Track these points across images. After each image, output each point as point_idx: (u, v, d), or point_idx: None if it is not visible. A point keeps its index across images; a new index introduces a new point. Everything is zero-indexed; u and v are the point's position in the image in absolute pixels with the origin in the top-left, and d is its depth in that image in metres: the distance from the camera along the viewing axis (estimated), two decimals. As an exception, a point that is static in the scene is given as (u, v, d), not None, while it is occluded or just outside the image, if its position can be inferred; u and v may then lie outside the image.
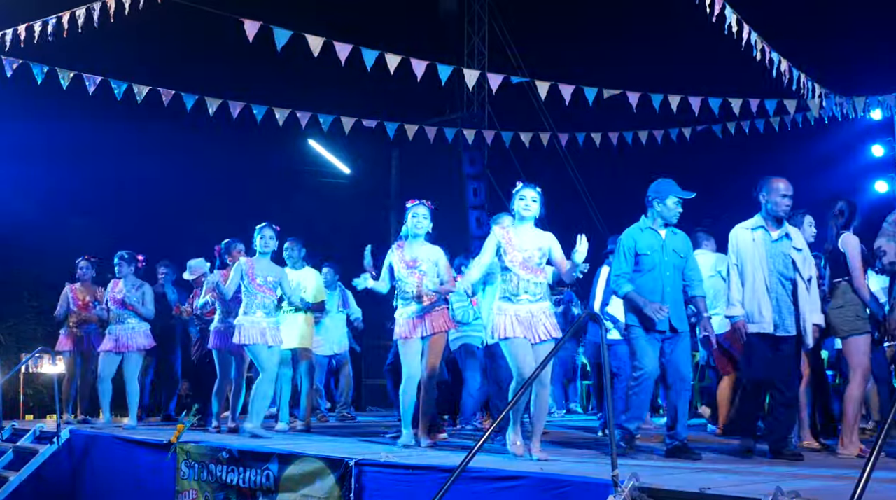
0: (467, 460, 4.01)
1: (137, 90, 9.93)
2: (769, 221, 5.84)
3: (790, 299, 5.75)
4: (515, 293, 5.64)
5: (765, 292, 5.72)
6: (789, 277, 5.78)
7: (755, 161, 13.22)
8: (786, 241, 5.82)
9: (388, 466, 5.28)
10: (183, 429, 6.84)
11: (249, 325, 7.25)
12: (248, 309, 7.32)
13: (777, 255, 5.76)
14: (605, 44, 14.54)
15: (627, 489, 4.05)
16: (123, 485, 7.29)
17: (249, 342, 7.23)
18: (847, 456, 5.82)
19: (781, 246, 5.80)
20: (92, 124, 12.29)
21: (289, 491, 5.76)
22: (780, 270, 5.76)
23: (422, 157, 14.41)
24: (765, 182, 5.83)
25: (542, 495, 4.48)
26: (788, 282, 5.77)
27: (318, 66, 9.51)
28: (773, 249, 5.78)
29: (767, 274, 5.74)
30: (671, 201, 5.96)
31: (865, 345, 6.01)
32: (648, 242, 5.96)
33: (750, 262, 5.79)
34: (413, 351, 6.44)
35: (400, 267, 6.49)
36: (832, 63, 11.67)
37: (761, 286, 5.73)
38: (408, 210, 6.57)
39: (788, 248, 5.80)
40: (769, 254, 5.76)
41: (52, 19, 8.66)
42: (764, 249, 5.78)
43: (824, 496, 3.90)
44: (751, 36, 9.00)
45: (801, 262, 5.80)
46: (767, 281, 5.73)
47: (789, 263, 5.78)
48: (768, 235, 5.81)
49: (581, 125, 12.49)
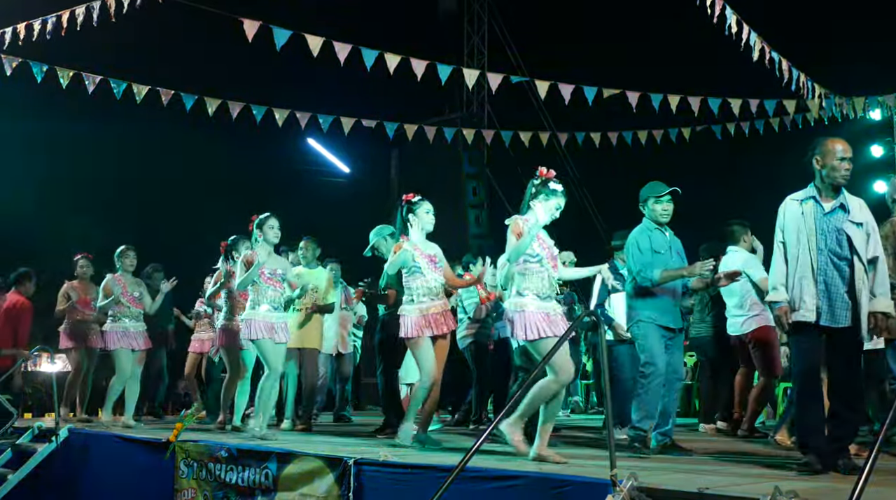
0: (466, 459, 4.00)
1: (137, 89, 9.93)
2: (824, 190, 4.92)
3: (844, 283, 4.80)
4: (545, 291, 5.49)
5: (810, 274, 4.81)
6: (844, 256, 4.82)
7: (754, 161, 13.23)
8: (840, 214, 4.87)
9: (387, 465, 5.28)
10: (182, 428, 6.83)
11: (257, 320, 7.07)
12: (256, 303, 7.14)
13: (830, 230, 4.84)
14: (605, 43, 14.55)
15: (626, 489, 4.05)
16: (122, 484, 7.28)
17: (256, 338, 7.06)
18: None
19: (835, 220, 4.85)
20: (91, 123, 12.29)
21: (287, 490, 5.75)
22: (833, 248, 4.82)
23: (421, 156, 14.43)
24: (818, 144, 5.00)
25: (540, 494, 4.48)
26: (843, 263, 4.81)
27: (318, 66, 9.52)
28: (825, 223, 4.85)
29: (816, 253, 4.84)
30: (653, 202, 6.03)
31: None
32: (660, 242, 6.02)
33: (796, 238, 4.90)
34: (437, 348, 6.24)
35: (424, 263, 6.24)
36: (832, 63, 11.67)
37: (807, 267, 4.83)
38: (416, 205, 6.34)
39: (843, 222, 4.84)
40: (819, 229, 4.85)
41: (51, 18, 8.67)
42: (814, 223, 4.87)
43: (822, 495, 3.90)
44: (750, 36, 9.01)
45: (861, 239, 4.84)
46: (815, 261, 4.83)
47: (844, 240, 4.83)
48: (820, 207, 4.90)
49: (580, 125, 12.51)
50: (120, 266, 8.55)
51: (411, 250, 6.20)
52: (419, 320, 6.15)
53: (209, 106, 10.44)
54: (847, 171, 4.90)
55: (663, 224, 6.07)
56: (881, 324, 4.78)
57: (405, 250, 6.19)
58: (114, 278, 8.51)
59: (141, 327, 8.59)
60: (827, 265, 4.82)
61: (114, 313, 8.44)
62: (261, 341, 7.04)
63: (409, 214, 6.34)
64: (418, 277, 6.22)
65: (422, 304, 6.19)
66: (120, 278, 8.51)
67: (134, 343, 8.48)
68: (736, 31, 8.83)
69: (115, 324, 8.45)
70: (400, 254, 6.18)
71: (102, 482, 7.52)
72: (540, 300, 5.40)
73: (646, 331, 5.91)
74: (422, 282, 6.21)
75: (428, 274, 6.23)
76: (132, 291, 8.53)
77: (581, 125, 12.49)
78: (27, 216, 13.50)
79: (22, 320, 8.94)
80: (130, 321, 8.48)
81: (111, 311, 8.44)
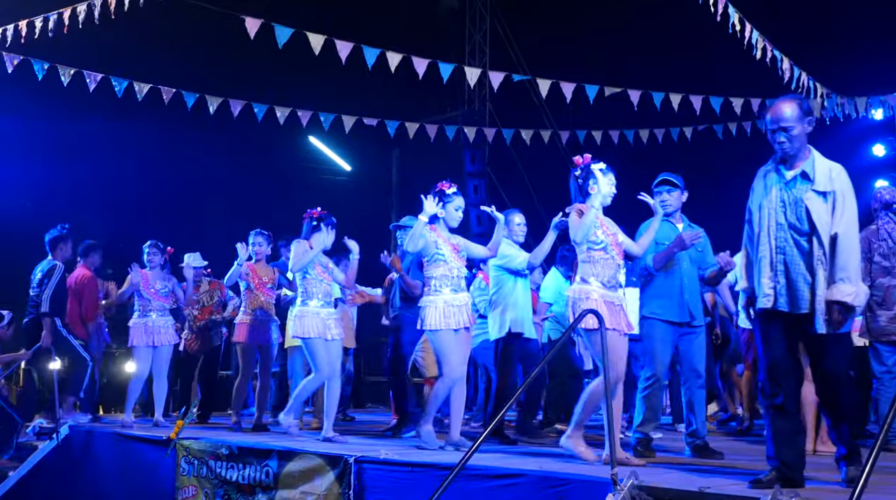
0: (467, 457, 4.00)
1: (138, 88, 9.93)
2: (786, 157, 4.30)
3: (805, 263, 4.12)
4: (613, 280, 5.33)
5: (768, 254, 4.20)
6: (804, 232, 4.14)
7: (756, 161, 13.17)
8: (802, 183, 4.19)
9: (388, 463, 5.28)
10: (182, 425, 6.83)
11: (310, 316, 6.78)
12: (307, 298, 6.85)
13: (790, 202, 4.18)
14: (607, 42, 14.53)
15: (627, 488, 4.05)
16: (123, 481, 7.29)
17: (308, 336, 6.75)
18: (826, 452, 5.80)
19: (797, 190, 4.18)
20: (92, 122, 12.29)
21: (288, 488, 5.76)
22: (793, 222, 4.16)
23: (423, 155, 14.40)
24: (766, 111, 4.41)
25: (541, 493, 4.48)
26: (804, 239, 4.14)
27: (320, 64, 9.51)
28: (785, 194, 4.21)
29: (775, 228, 4.19)
30: (654, 195, 5.98)
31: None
32: (665, 233, 5.92)
33: (758, 214, 4.30)
34: (464, 343, 6.02)
35: (448, 251, 6.02)
36: (834, 63, 11.66)
37: (766, 246, 4.22)
38: (448, 198, 6.11)
39: (805, 191, 4.16)
40: (780, 201, 4.21)
41: (52, 16, 8.66)
42: (773, 194, 4.24)
43: (823, 495, 3.90)
44: (752, 35, 9.00)
45: (823, 212, 4.11)
46: (773, 238, 4.20)
47: (803, 212, 4.14)
48: (781, 176, 4.27)
49: (582, 123, 12.51)
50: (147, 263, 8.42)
51: (434, 235, 6.01)
52: (443, 310, 5.91)
53: (210, 104, 10.44)
54: (781, 144, 4.23)
55: (670, 214, 5.98)
56: (836, 317, 4.05)
57: (425, 233, 5.95)
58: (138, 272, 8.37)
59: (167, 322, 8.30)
60: (786, 242, 4.17)
61: (138, 308, 8.24)
62: (313, 340, 6.75)
63: (438, 204, 6.10)
64: (441, 265, 5.98)
65: (444, 294, 5.95)
66: (145, 274, 8.38)
67: (158, 339, 8.18)
68: (738, 30, 8.83)
69: (140, 320, 8.20)
70: (418, 229, 5.92)
71: (103, 479, 7.53)
72: (605, 289, 5.25)
73: (649, 330, 5.82)
74: (444, 271, 5.97)
75: (451, 263, 6.00)
76: (155, 284, 8.29)
77: (582, 124, 12.50)
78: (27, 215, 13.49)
79: (85, 294, 8.70)
80: (157, 316, 8.20)
81: (136, 306, 8.27)
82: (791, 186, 4.21)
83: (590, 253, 5.29)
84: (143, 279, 8.22)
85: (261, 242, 7.99)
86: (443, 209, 6.11)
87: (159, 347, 8.15)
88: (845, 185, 4.17)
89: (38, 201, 13.83)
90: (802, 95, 4.38)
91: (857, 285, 4.07)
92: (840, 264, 4.05)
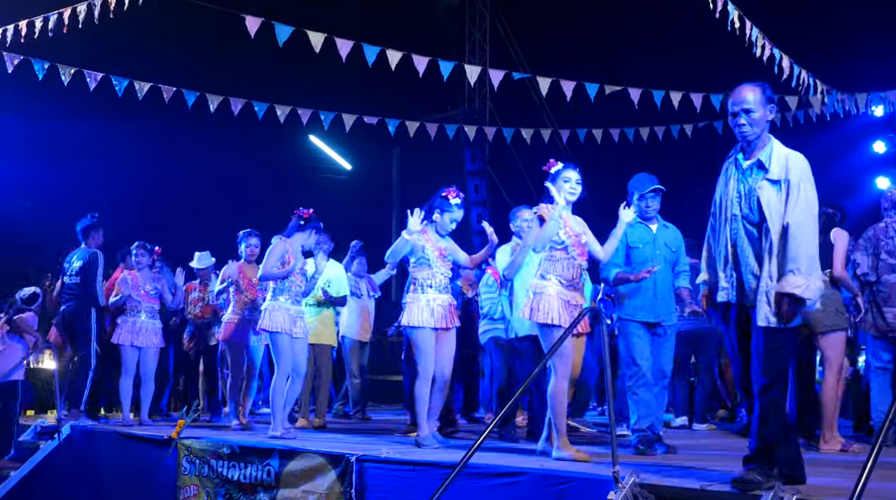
0: (468, 455, 4.00)
1: (139, 87, 9.93)
2: (745, 145, 4.20)
3: (754, 254, 4.06)
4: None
5: (724, 245, 4.16)
6: (755, 222, 4.07)
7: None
8: (756, 172, 4.10)
9: (389, 462, 5.28)
10: (184, 424, 6.83)
11: (280, 311, 6.81)
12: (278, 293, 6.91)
13: (745, 192, 4.10)
14: (607, 40, 14.54)
15: (628, 486, 4.05)
16: (125, 481, 7.29)
17: (274, 330, 6.78)
18: (830, 452, 5.83)
19: (752, 179, 4.10)
20: (93, 121, 12.30)
21: (290, 487, 5.76)
22: (746, 212, 4.09)
23: (423, 153, 14.41)
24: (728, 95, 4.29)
25: (542, 491, 4.48)
26: (755, 230, 4.07)
27: (320, 63, 9.51)
28: (742, 183, 4.13)
29: (731, 219, 4.14)
30: (636, 197, 6.03)
31: (843, 342, 6.13)
32: (640, 236, 6.02)
33: (719, 207, 4.26)
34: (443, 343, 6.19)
35: (434, 256, 6.15)
36: (834, 59, 11.66)
37: (723, 237, 4.18)
38: (448, 207, 6.22)
39: (759, 181, 4.07)
40: (736, 191, 4.13)
41: (52, 15, 8.66)
42: (732, 185, 4.17)
43: (823, 493, 3.90)
44: (752, 32, 9.00)
45: (775, 202, 4.00)
46: (727, 229, 4.15)
47: (755, 202, 4.05)
48: (738, 165, 4.20)
49: (582, 121, 12.50)
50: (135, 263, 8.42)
51: (423, 239, 6.13)
52: (424, 309, 6.06)
53: (211, 103, 10.44)
54: (741, 127, 4.11)
55: (650, 218, 6.06)
56: (785, 309, 3.89)
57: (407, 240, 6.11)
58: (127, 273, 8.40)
59: (155, 324, 8.34)
60: (738, 235, 4.10)
61: (128, 307, 8.22)
62: (279, 335, 6.77)
63: (437, 209, 6.24)
64: (425, 268, 6.14)
65: (427, 294, 6.10)
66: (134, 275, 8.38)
67: (144, 340, 8.20)
68: (738, 27, 8.83)
69: (128, 318, 8.21)
70: (399, 244, 6.16)
71: (105, 479, 7.53)
72: (563, 287, 5.35)
73: (625, 329, 5.93)
74: (428, 274, 6.13)
75: (436, 267, 6.15)
76: (145, 286, 8.32)
77: (583, 122, 12.50)
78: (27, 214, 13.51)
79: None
80: (146, 317, 8.23)
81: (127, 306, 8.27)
82: (747, 176, 4.11)
83: (551, 252, 5.40)
84: (133, 281, 8.26)
85: (256, 244, 8.00)
86: (439, 215, 6.23)
87: (144, 348, 8.17)
88: (802, 173, 4.01)
89: (38, 201, 13.84)
90: (767, 83, 4.24)
91: (809, 277, 3.88)
92: (791, 255, 3.89)
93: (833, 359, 6.09)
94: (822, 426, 6.02)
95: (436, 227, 6.26)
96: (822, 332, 6.11)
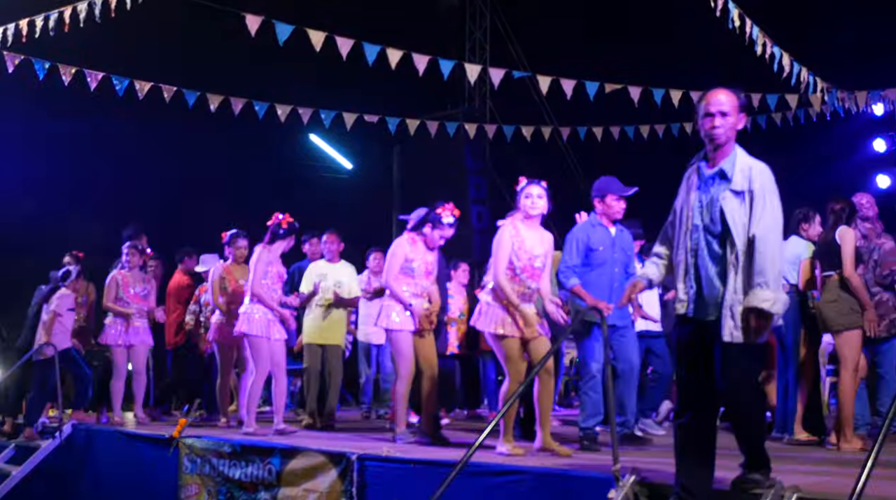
0: (469, 454, 4.01)
1: (139, 87, 9.92)
2: (709, 151, 4.09)
3: (717, 267, 3.88)
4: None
5: (683, 257, 3.98)
6: (717, 234, 3.89)
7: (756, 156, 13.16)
8: (719, 182, 3.96)
9: (390, 460, 5.30)
10: (185, 423, 6.85)
11: (260, 314, 7.06)
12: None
13: (707, 202, 3.95)
14: (607, 38, 14.53)
15: (628, 484, 4.07)
16: (126, 480, 7.31)
17: (256, 333, 7.01)
18: (850, 450, 5.82)
19: (714, 189, 3.95)
20: (93, 121, 12.28)
21: (291, 485, 5.78)
22: (708, 224, 3.92)
23: (424, 152, 14.40)
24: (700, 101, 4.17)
25: (543, 489, 4.50)
26: (716, 242, 3.90)
27: (320, 62, 9.50)
28: (703, 195, 3.98)
29: (691, 229, 3.96)
30: (611, 199, 6.11)
31: (859, 339, 6.07)
32: (600, 238, 6.11)
33: (678, 216, 4.10)
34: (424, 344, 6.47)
35: (421, 270, 6.43)
36: (834, 58, 11.64)
37: (682, 248, 4.01)
38: (440, 223, 6.41)
39: (722, 191, 3.91)
40: (698, 201, 3.97)
41: (53, 14, 8.66)
42: (693, 195, 4.01)
43: (825, 490, 3.91)
44: (753, 30, 8.99)
45: (739, 213, 3.84)
46: (688, 239, 3.97)
47: (717, 213, 3.89)
48: (700, 175, 4.05)
49: (582, 119, 12.49)
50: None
51: (411, 251, 6.34)
52: (404, 313, 6.28)
53: (211, 102, 10.44)
54: (711, 129, 3.99)
55: (614, 221, 6.16)
56: (753, 324, 3.73)
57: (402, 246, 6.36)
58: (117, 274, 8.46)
59: (144, 324, 8.50)
60: (698, 246, 3.92)
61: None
62: (258, 338, 7.00)
63: (429, 223, 6.40)
64: (409, 278, 6.34)
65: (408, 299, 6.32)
66: (125, 275, 8.45)
67: (132, 339, 8.37)
68: (738, 26, 8.82)
69: (115, 320, 8.37)
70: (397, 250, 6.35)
71: (106, 478, 7.55)
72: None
73: (581, 329, 6.00)
74: (409, 283, 6.34)
75: (419, 278, 6.37)
76: (135, 287, 8.47)
77: (583, 120, 12.49)
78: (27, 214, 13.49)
79: (181, 298, 9.07)
80: (134, 318, 8.38)
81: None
82: (709, 186, 3.96)
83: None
84: (123, 281, 8.39)
85: (244, 245, 8.05)
86: (430, 229, 6.38)
87: (134, 346, 8.38)
88: (766, 184, 3.87)
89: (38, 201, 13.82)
90: (741, 91, 4.19)
91: (777, 291, 3.74)
92: (758, 269, 3.74)
93: (849, 357, 6.01)
94: (841, 425, 5.98)
95: (424, 239, 6.39)
96: (837, 330, 6.07)
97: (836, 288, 6.04)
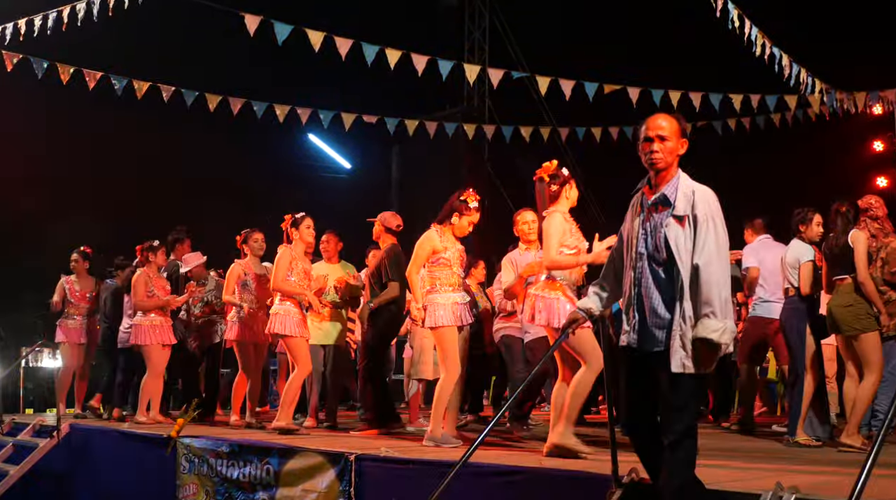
0: (469, 454, 4.00)
1: (138, 86, 9.92)
2: (653, 176, 3.90)
3: (662, 296, 3.74)
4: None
5: (628, 286, 3.87)
6: (661, 261, 3.75)
7: (755, 157, 13.21)
8: (663, 209, 3.81)
9: (388, 460, 5.29)
10: (183, 423, 6.84)
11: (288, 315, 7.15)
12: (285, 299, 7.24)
13: (651, 230, 3.81)
14: (606, 39, 14.54)
15: (628, 484, 4.05)
16: (123, 479, 7.29)
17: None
18: (849, 444, 5.78)
19: (657, 215, 3.82)
20: (93, 120, 12.29)
21: (289, 485, 5.76)
22: (651, 251, 3.79)
23: (422, 152, 14.41)
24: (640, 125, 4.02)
25: (542, 489, 4.49)
26: (661, 270, 3.75)
27: (319, 62, 9.51)
28: (645, 220, 3.85)
29: (635, 257, 3.84)
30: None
31: (878, 341, 5.99)
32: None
33: (624, 244, 3.98)
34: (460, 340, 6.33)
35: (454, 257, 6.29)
36: (833, 59, 11.66)
37: (627, 278, 3.90)
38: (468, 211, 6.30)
39: (665, 218, 3.77)
40: (641, 228, 3.85)
41: (52, 13, 8.66)
42: (637, 222, 3.88)
43: (824, 490, 3.90)
44: (752, 32, 9.00)
45: (682, 240, 3.70)
46: (633, 269, 3.85)
47: (662, 241, 3.75)
48: (643, 201, 3.91)
49: (581, 120, 12.50)
50: None
51: (441, 241, 6.16)
52: (451, 308, 6.07)
53: (210, 102, 10.43)
54: (650, 153, 3.84)
55: None
56: (703, 355, 3.60)
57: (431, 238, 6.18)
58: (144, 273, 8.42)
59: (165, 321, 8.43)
60: (642, 274, 3.79)
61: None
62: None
63: (457, 212, 6.24)
64: (445, 268, 6.14)
65: (449, 293, 6.12)
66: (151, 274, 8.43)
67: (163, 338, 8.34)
68: (738, 26, 8.82)
69: (144, 318, 8.32)
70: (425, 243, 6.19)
71: (104, 477, 7.53)
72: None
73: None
74: (448, 273, 6.14)
75: (455, 267, 6.20)
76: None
77: (582, 120, 12.49)
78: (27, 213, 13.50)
79: None
80: (158, 316, 8.33)
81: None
82: (652, 212, 3.81)
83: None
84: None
85: (262, 238, 8.17)
86: (458, 218, 6.22)
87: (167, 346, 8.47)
88: (710, 209, 3.71)
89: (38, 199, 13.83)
90: (683, 118, 4.07)
91: (725, 320, 3.59)
92: (704, 298, 3.59)
93: (874, 361, 5.93)
94: (850, 421, 5.97)
95: (453, 228, 6.25)
96: (853, 336, 6.00)
97: (851, 292, 5.98)
